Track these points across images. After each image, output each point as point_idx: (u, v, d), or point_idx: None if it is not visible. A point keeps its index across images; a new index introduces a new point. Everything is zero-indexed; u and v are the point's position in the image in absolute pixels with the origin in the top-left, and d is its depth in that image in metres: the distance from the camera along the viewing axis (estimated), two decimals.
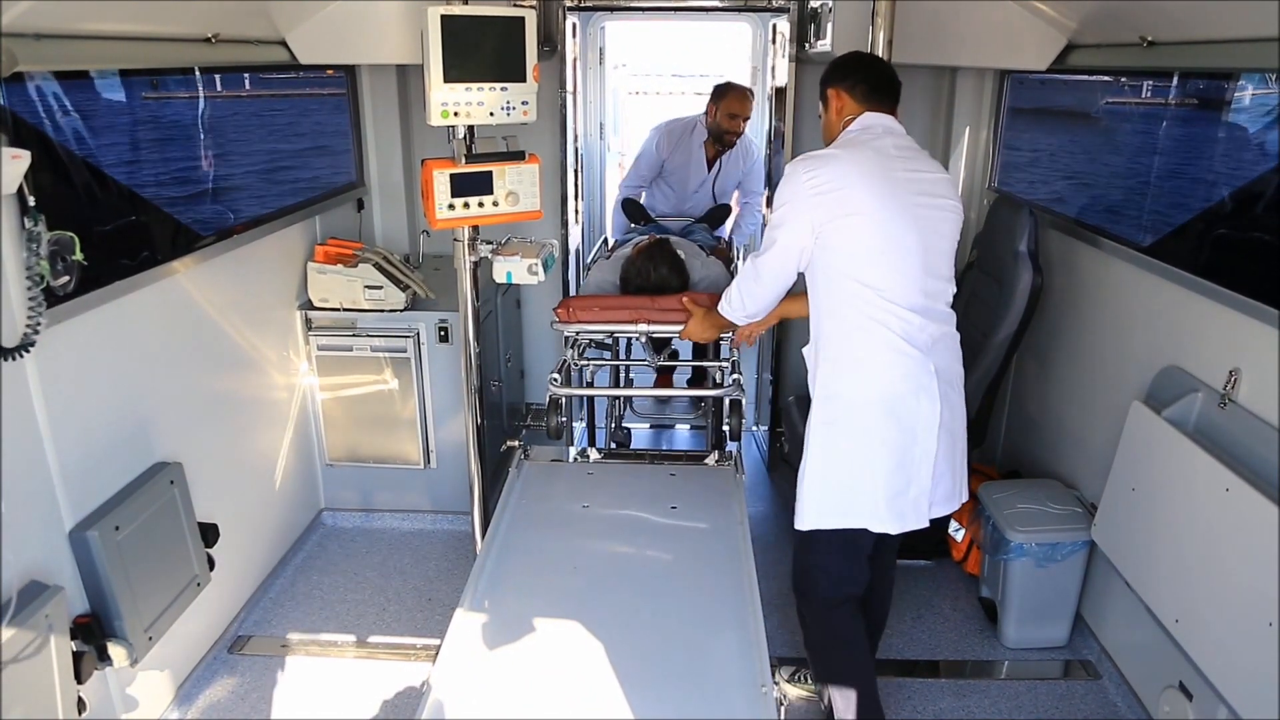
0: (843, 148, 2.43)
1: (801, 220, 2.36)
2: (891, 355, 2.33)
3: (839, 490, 2.43)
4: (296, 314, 3.75)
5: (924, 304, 2.36)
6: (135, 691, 2.69)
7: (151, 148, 3.03)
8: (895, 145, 2.43)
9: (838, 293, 2.38)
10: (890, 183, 2.34)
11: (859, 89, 2.51)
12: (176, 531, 2.68)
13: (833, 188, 2.32)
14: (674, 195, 5.02)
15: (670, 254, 3.40)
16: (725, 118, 4.69)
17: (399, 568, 3.76)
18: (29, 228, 2.06)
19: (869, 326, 2.34)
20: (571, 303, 3.22)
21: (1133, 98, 3.42)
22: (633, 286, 3.37)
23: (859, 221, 2.31)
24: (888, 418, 2.35)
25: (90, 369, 2.44)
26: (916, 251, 2.35)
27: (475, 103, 2.57)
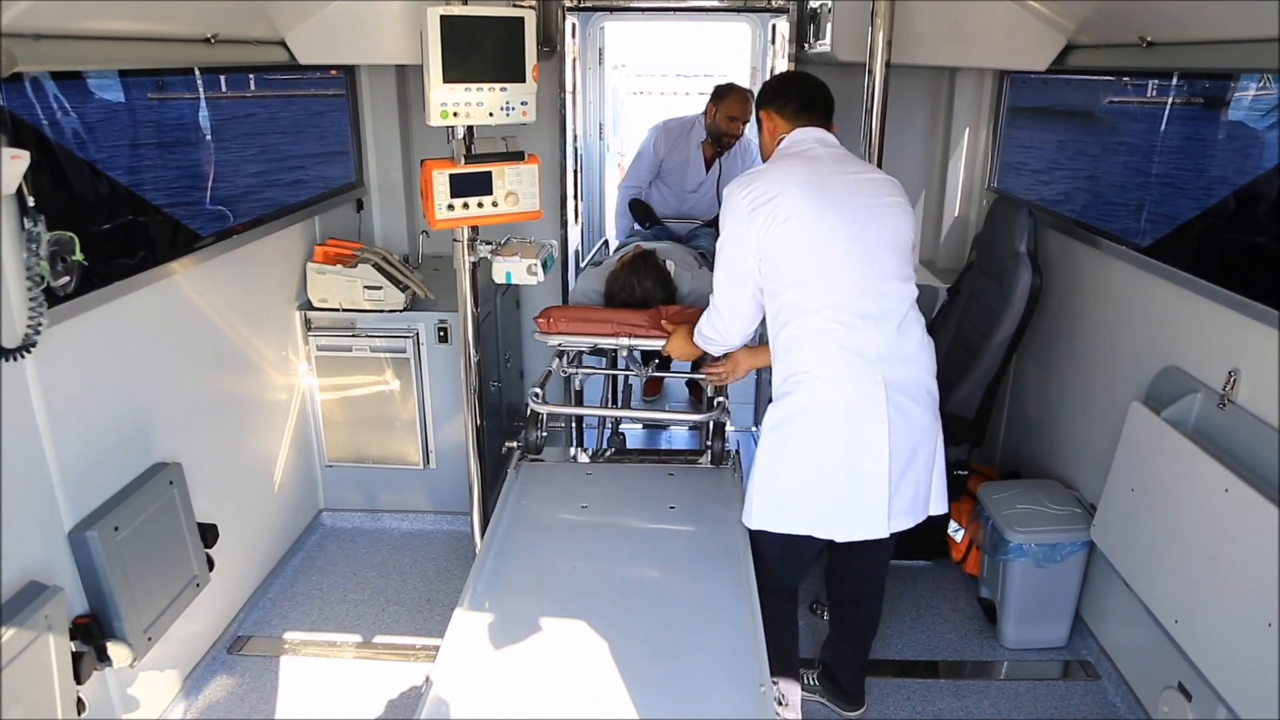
0: (775, 162, 2.47)
1: (742, 239, 2.37)
2: (836, 366, 2.31)
3: (783, 496, 2.44)
4: (296, 314, 3.75)
5: (874, 309, 2.32)
6: (135, 692, 2.69)
7: (150, 148, 3.03)
8: (829, 154, 2.44)
9: (783, 302, 2.37)
10: (824, 187, 2.34)
11: (789, 108, 2.53)
12: (176, 532, 2.68)
13: (766, 198, 2.32)
14: (672, 196, 4.95)
15: (655, 267, 3.34)
16: (725, 120, 4.65)
17: (398, 568, 3.76)
18: (29, 228, 2.06)
19: (812, 337, 2.33)
20: (552, 313, 3.13)
21: (1134, 96, 3.42)
22: (616, 300, 3.31)
23: (794, 226, 2.30)
24: (831, 429, 2.34)
25: (90, 369, 2.44)
26: (858, 254, 2.32)
27: (475, 103, 2.56)
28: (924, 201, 4.56)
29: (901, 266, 2.40)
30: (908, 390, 2.36)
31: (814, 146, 2.46)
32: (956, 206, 4.43)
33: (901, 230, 2.41)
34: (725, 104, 4.65)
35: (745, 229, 2.35)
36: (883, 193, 2.41)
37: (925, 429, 2.42)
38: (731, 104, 4.65)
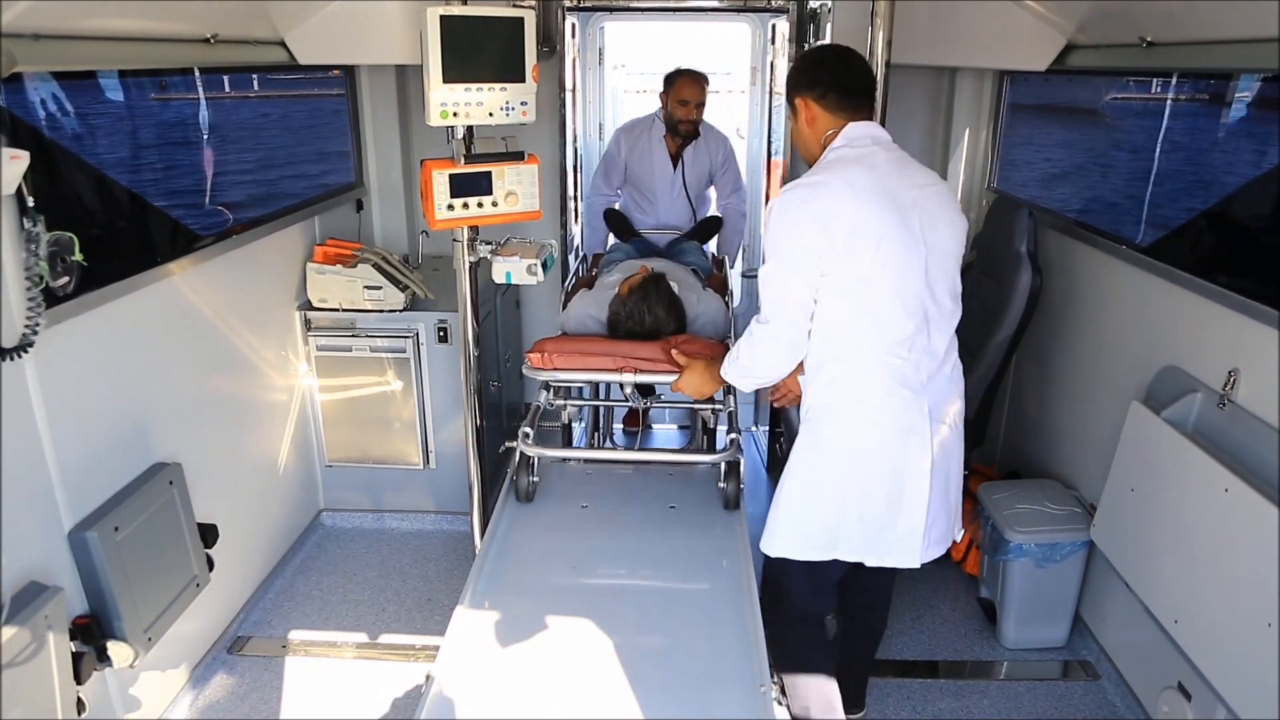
0: (834, 170, 2.15)
1: (808, 258, 2.09)
2: (882, 396, 2.16)
3: (814, 524, 2.29)
4: (296, 314, 3.75)
5: (924, 340, 2.16)
6: (135, 692, 2.69)
7: (150, 148, 3.03)
8: (889, 160, 2.18)
9: (832, 325, 2.17)
10: (891, 204, 2.10)
11: (829, 98, 2.24)
12: (176, 532, 2.68)
13: (833, 214, 2.07)
14: (644, 201, 4.63)
15: (666, 292, 3.01)
16: (676, 105, 4.34)
17: (398, 568, 3.76)
18: (28, 228, 2.06)
19: (860, 364, 2.16)
20: (547, 345, 2.83)
21: (1136, 94, 3.42)
22: (622, 330, 2.97)
23: (856, 253, 2.07)
24: (873, 460, 2.20)
25: (89, 369, 2.44)
26: (917, 283, 2.14)
27: (474, 103, 2.56)
28: None
29: (954, 289, 2.24)
30: (947, 416, 2.24)
31: (873, 151, 2.19)
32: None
33: (957, 252, 2.23)
34: (674, 88, 4.35)
35: (813, 245, 2.08)
36: (943, 208, 2.20)
37: (957, 454, 2.31)
38: (681, 87, 4.35)
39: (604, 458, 3.31)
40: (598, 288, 3.29)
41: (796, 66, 2.35)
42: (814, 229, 2.07)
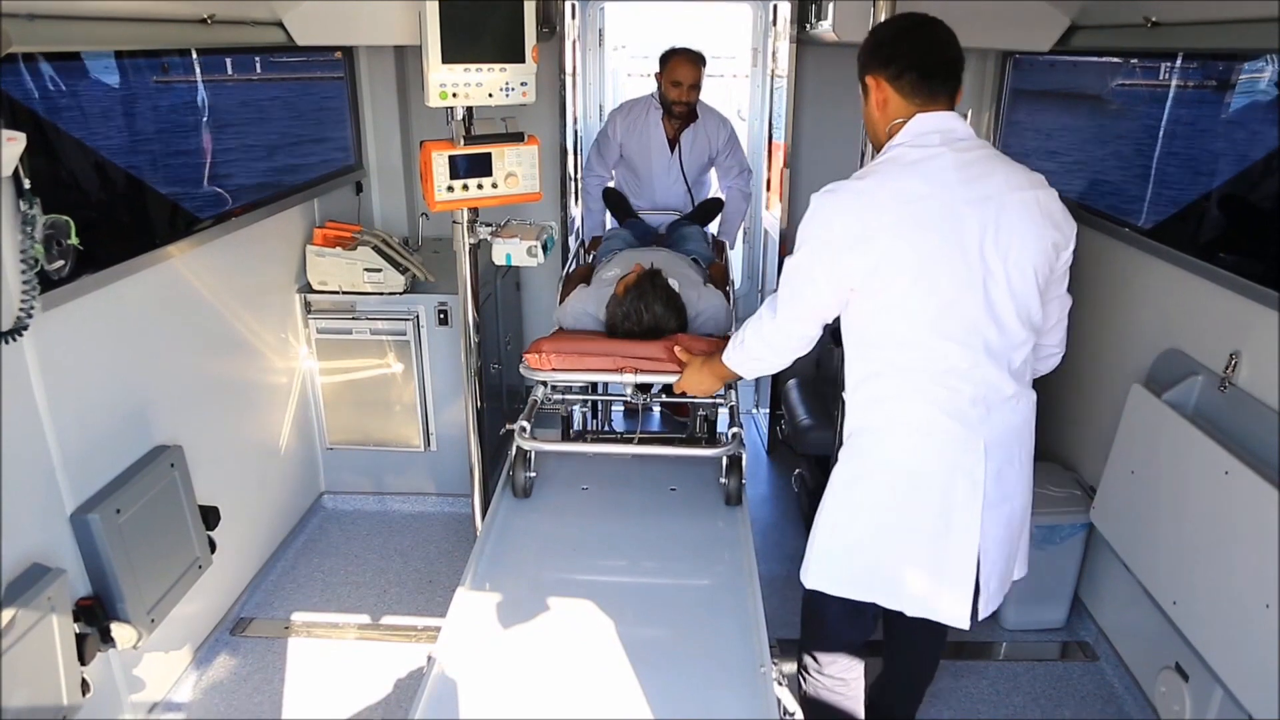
0: (882, 175, 1.89)
1: (832, 272, 1.92)
2: (927, 427, 1.94)
3: (853, 561, 2.09)
4: (295, 297, 3.75)
5: (982, 371, 1.91)
6: (139, 673, 2.70)
7: (148, 130, 3.01)
8: (957, 161, 1.88)
9: (870, 341, 1.98)
10: (945, 221, 1.84)
11: (906, 79, 1.93)
12: (177, 514, 2.69)
13: (868, 231, 1.85)
14: (640, 183, 4.51)
15: (664, 289, 2.91)
16: (669, 86, 4.18)
17: (400, 550, 3.77)
18: (24, 210, 2.05)
19: (905, 393, 1.94)
20: (544, 345, 2.75)
21: (1141, 80, 3.40)
22: (621, 330, 2.88)
23: (901, 277, 1.86)
24: (916, 496, 1.98)
25: (89, 353, 2.44)
26: (980, 305, 1.88)
27: (474, 84, 2.55)
28: None
29: (1028, 314, 1.95)
30: (1012, 455, 2.00)
31: (938, 152, 1.88)
32: None
33: (1040, 267, 1.92)
34: (668, 69, 4.19)
35: (839, 260, 1.89)
36: (1024, 220, 1.89)
37: (1023, 490, 2.06)
38: (674, 68, 4.16)
39: (603, 451, 3.20)
40: (595, 283, 3.16)
41: (872, 39, 2.03)
42: (847, 241, 1.87)
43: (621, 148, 4.43)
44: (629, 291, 2.89)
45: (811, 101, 4.46)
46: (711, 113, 4.41)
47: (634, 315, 2.84)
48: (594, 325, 3.02)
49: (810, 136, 4.52)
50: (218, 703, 2.89)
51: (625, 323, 2.85)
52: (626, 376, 2.66)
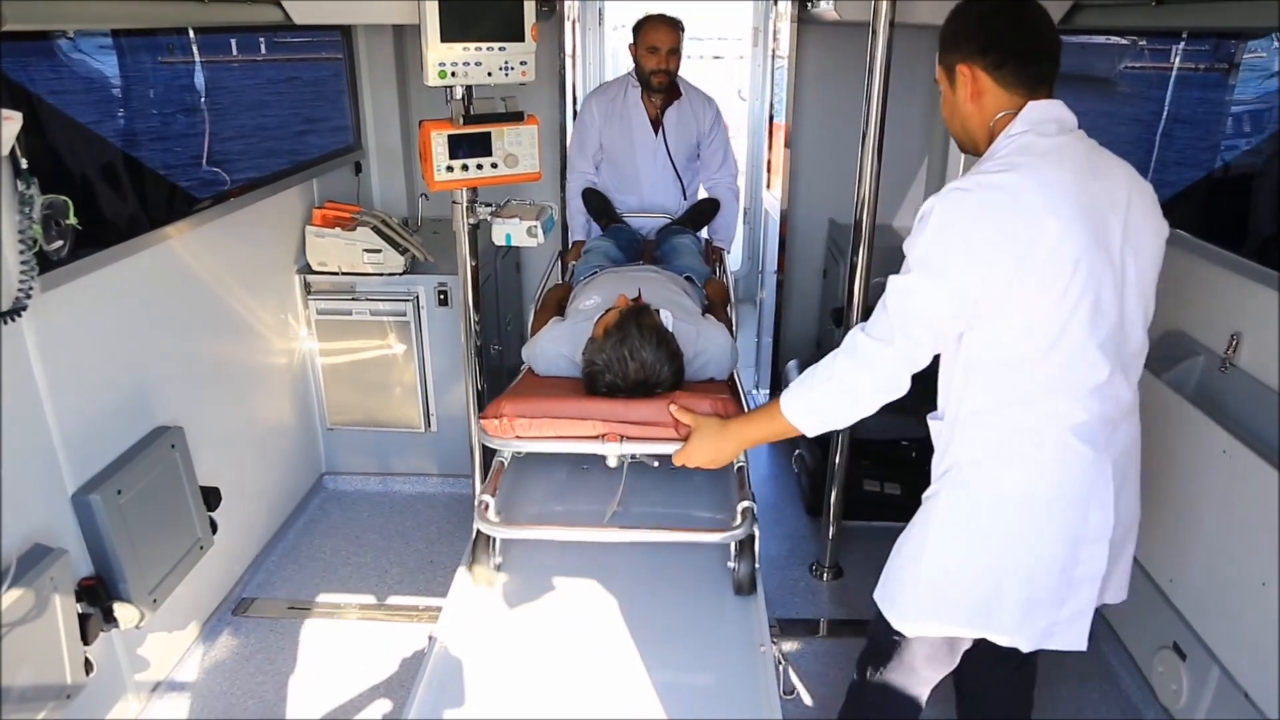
0: (1024, 168, 1.61)
1: (971, 278, 1.59)
2: (1062, 456, 1.70)
3: (962, 596, 1.83)
4: (295, 278, 3.74)
5: (1115, 386, 1.70)
6: (142, 652, 2.72)
7: (146, 111, 2.99)
8: (1084, 151, 1.70)
9: (1008, 369, 1.69)
10: (1093, 216, 1.61)
11: (1007, 68, 1.70)
12: (178, 495, 2.69)
13: (1023, 229, 1.57)
14: (622, 176, 4.09)
15: (653, 330, 2.36)
16: (645, 53, 3.79)
17: (400, 530, 3.79)
18: (21, 191, 2.04)
19: (1040, 420, 1.70)
20: (505, 407, 2.25)
21: (1145, 63, 3.38)
22: (602, 385, 2.34)
23: (1058, 281, 1.59)
24: (1045, 529, 1.75)
25: (89, 334, 2.44)
26: (1116, 310, 1.67)
27: (473, 63, 2.53)
28: (926, 166, 4.53)
29: (1148, 320, 1.77)
30: (1126, 467, 1.80)
31: (1066, 141, 1.69)
32: (960, 168, 4.39)
33: (1157, 268, 1.76)
34: (643, 35, 3.80)
35: (970, 273, 1.59)
36: (1148, 216, 1.73)
37: (1136, 510, 1.88)
38: (649, 32, 3.78)
39: (586, 539, 2.41)
40: (571, 315, 2.71)
41: (960, 22, 1.76)
42: (993, 244, 1.58)
43: (601, 135, 4.04)
44: (610, 334, 2.35)
45: (812, 81, 4.44)
46: (695, 91, 4.06)
47: (618, 364, 2.29)
48: (570, 370, 2.54)
49: (811, 116, 4.50)
50: (221, 682, 2.91)
51: (608, 374, 2.31)
52: (610, 446, 2.19)
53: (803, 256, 4.73)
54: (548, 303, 3.11)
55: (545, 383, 2.53)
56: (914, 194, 4.58)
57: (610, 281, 2.88)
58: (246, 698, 2.84)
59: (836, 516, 3.39)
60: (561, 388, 2.46)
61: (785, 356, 4.65)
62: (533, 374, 2.64)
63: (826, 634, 3.17)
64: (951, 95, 1.80)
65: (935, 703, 2.71)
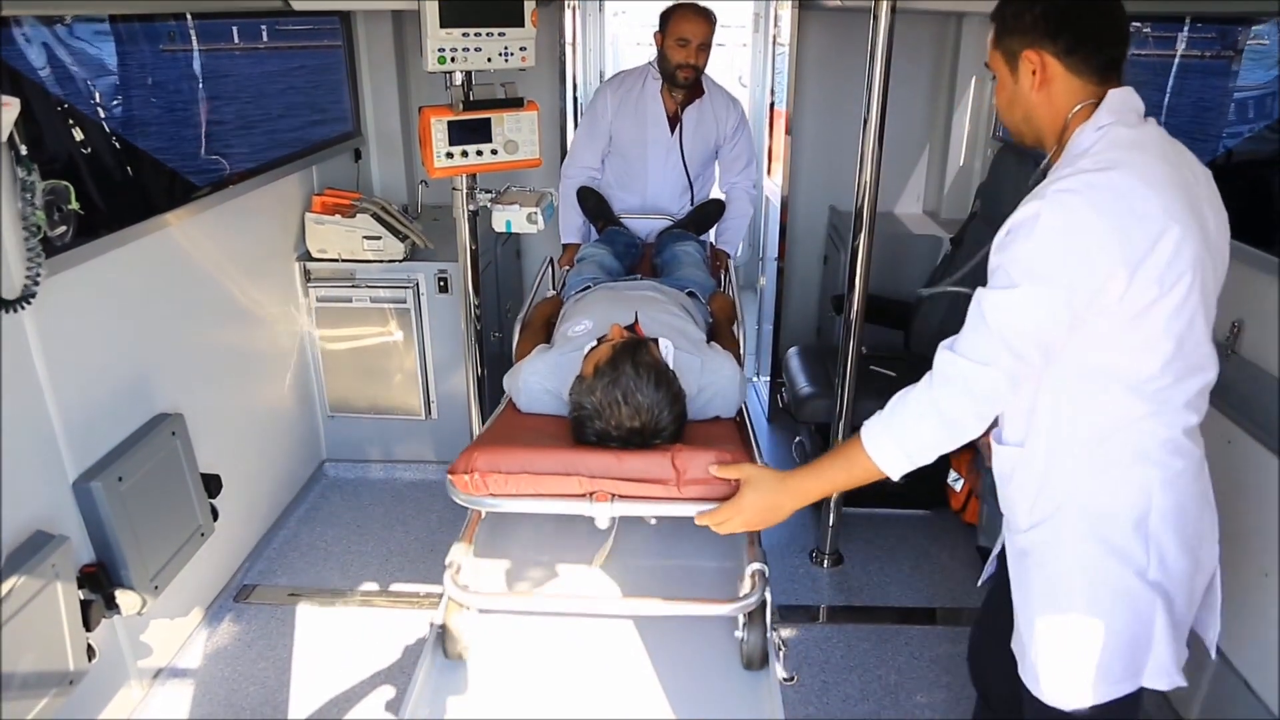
0: (1125, 165, 1.45)
1: (1088, 284, 1.42)
2: (1178, 466, 1.56)
3: (1113, 654, 1.60)
4: (295, 265, 3.73)
5: (1206, 394, 1.58)
6: (144, 639, 2.73)
7: (146, 98, 2.98)
8: (1161, 139, 1.56)
9: (1109, 388, 1.53)
10: (1194, 211, 1.48)
11: (1080, 54, 1.54)
12: (179, 482, 2.70)
13: (1144, 225, 1.42)
14: (629, 174, 3.78)
15: (652, 368, 1.99)
16: (674, 45, 3.46)
17: (401, 518, 3.79)
18: (22, 177, 2.03)
19: (1153, 437, 1.54)
20: (478, 459, 1.90)
21: (1144, 49, 3.36)
22: (592, 433, 1.98)
23: (1180, 280, 1.44)
24: (1171, 543, 1.57)
25: (89, 321, 2.44)
26: (1213, 311, 1.56)
27: (473, 48, 2.52)
28: (928, 151, 4.52)
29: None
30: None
31: (1150, 129, 1.55)
32: (961, 156, 4.38)
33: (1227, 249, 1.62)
34: (673, 24, 3.47)
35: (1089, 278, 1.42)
36: (1220, 209, 1.60)
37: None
38: (680, 23, 3.45)
39: (571, 610, 2.11)
40: (558, 341, 2.39)
41: (1025, 3, 1.57)
42: (1108, 250, 1.41)
43: (611, 127, 3.73)
44: (601, 374, 1.99)
45: (814, 67, 4.42)
46: (720, 90, 3.74)
47: (609, 412, 1.95)
48: (557, 407, 2.21)
49: (812, 103, 4.48)
50: (223, 668, 2.92)
51: (597, 422, 1.97)
52: (599, 507, 1.87)
53: (803, 243, 4.73)
54: (534, 322, 2.77)
55: (526, 423, 2.19)
56: (915, 181, 4.57)
57: (603, 302, 2.52)
58: (248, 684, 2.85)
59: (837, 504, 3.39)
60: (545, 431, 2.11)
61: (785, 343, 4.64)
62: (514, 409, 2.31)
63: (826, 620, 3.18)
64: (1012, 83, 1.61)
65: (946, 701, 2.72)
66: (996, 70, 1.64)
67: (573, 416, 2.03)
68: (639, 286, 2.77)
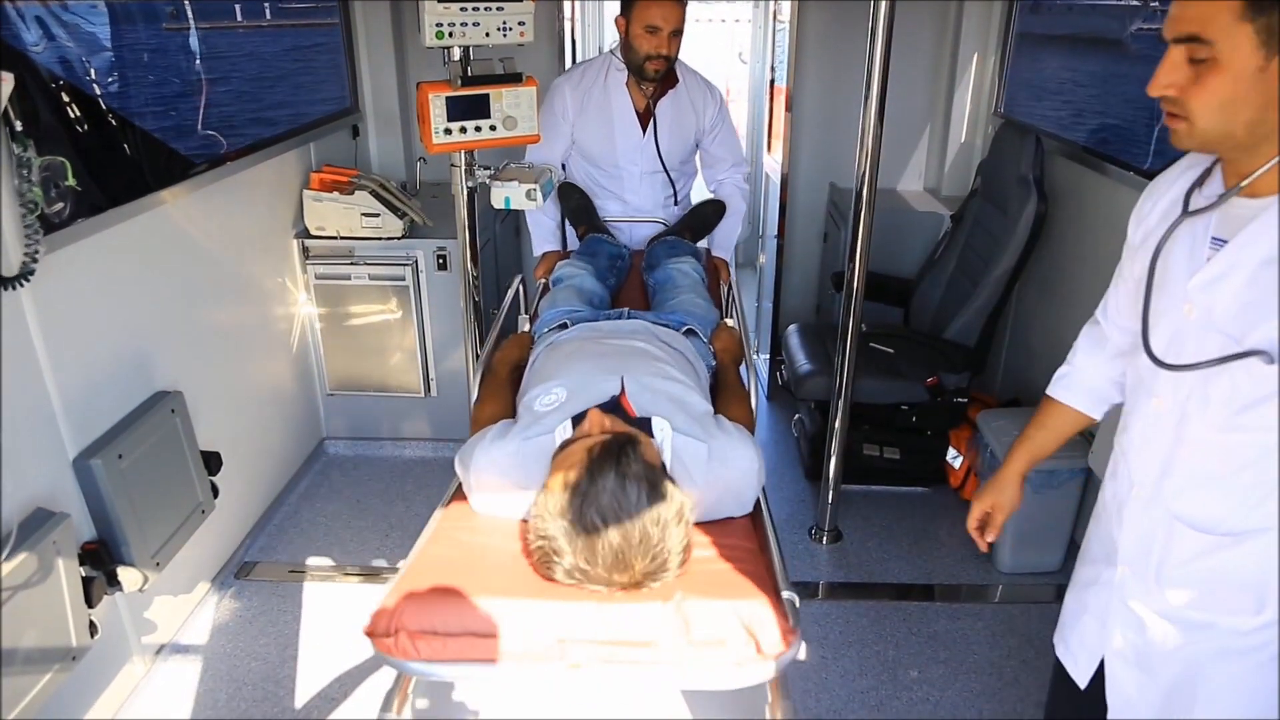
0: None
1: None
2: None
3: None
4: (293, 242, 3.72)
5: None
6: (147, 616, 2.74)
7: (142, 75, 2.96)
8: None
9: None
10: None
11: None
12: (179, 459, 2.70)
13: None
14: (603, 178, 3.33)
15: (643, 479, 1.47)
16: (641, 33, 2.99)
17: (401, 495, 3.80)
18: (18, 153, 2.02)
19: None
20: (403, 613, 1.47)
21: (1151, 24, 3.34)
22: (561, 573, 1.49)
23: None
24: None
25: (87, 298, 2.43)
26: None
27: (471, 23, 2.50)
28: (929, 127, 4.49)
29: None
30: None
31: None
32: (963, 133, 4.36)
33: None
34: (639, 7, 2.98)
35: None
36: None
37: None
38: (650, 6, 2.96)
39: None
40: (523, 415, 1.83)
41: None
42: None
43: (574, 129, 3.24)
44: (577, 494, 1.46)
45: (814, 43, 4.38)
46: (694, 76, 3.29)
47: (587, 553, 1.45)
48: (521, 506, 1.70)
49: (813, 79, 4.45)
50: (225, 644, 2.93)
51: (568, 560, 1.47)
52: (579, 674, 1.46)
53: (803, 220, 4.71)
54: (497, 371, 2.29)
55: (479, 538, 1.68)
56: (916, 157, 4.55)
57: (580, 359, 1.99)
58: (251, 660, 2.87)
59: (835, 481, 3.40)
60: (505, 551, 1.62)
61: (785, 321, 4.64)
62: (465, 502, 1.79)
63: (824, 596, 3.19)
64: (1256, 70, 1.18)
65: (943, 677, 2.73)
66: (1231, 51, 1.18)
67: (536, 549, 1.51)
68: (625, 330, 2.22)
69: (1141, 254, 1.50)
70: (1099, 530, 1.66)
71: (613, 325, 2.32)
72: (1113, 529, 1.57)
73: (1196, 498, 1.40)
